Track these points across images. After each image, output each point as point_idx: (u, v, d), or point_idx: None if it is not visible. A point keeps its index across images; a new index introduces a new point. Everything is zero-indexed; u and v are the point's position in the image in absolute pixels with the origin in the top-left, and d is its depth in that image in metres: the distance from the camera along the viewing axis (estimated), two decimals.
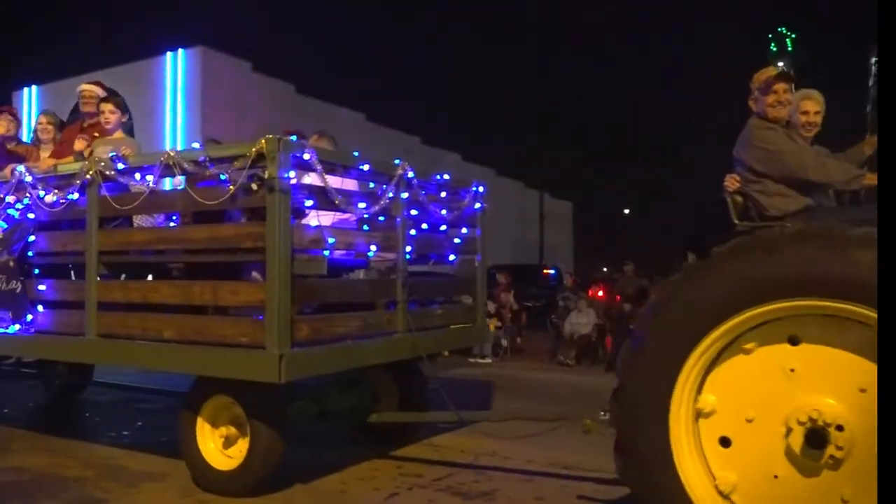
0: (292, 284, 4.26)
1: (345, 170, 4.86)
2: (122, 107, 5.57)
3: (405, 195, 5.32)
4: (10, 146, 6.29)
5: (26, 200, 5.47)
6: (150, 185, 4.73)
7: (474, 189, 6.22)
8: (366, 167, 4.95)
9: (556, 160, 46.05)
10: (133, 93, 7.73)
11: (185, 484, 4.83)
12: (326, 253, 4.75)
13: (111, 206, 4.96)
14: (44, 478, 5.04)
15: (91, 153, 5.49)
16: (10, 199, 5.58)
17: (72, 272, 5.50)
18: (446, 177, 5.89)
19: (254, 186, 4.33)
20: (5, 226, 5.60)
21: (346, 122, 20.85)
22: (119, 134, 5.57)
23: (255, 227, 4.38)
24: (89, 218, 5.09)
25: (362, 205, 4.89)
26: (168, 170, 4.65)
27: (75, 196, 5.17)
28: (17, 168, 5.50)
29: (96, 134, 5.88)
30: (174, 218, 5.29)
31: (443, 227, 5.93)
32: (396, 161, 5.28)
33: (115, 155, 4.94)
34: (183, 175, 4.64)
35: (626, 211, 49.19)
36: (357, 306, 5.03)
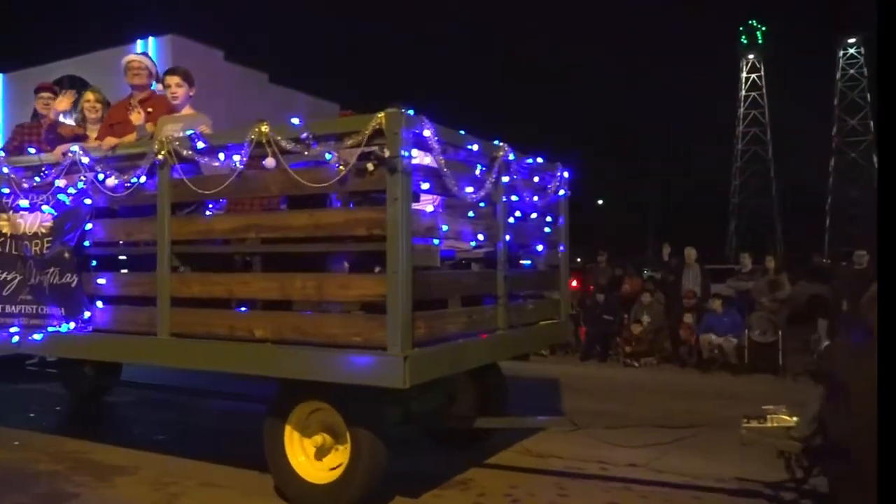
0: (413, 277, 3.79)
1: (455, 150, 4.37)
2: (190, 79, 5.01)
3: (506, 179, 4.86)
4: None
5: (81, 185, 4.89)
6: (238, 165, 4.20)
7: (559, 173, 5.77)
8: (475, 147, 4.48)
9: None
10: (102, 81, 7.22)
11: (156, 476, 4.86)
12: (436, 242, 4.27)
13: (188, 189, 4.41)
14: (14, 473, 4.97)
15: (154, 131, 4.93)
16: (61, 182, 5.00)
17: (134, 263, 4.95)
18: (539, 160, 5.43)
19: (370, 167, 3.83)
20: (54, 213, 5.01)
21: (322, 113, 19.85)
22: (189, 110, 5.00)
23: (371, 213, 3.88)
24: (160, 203, 4.54)
25: (469, 189, 4.42)
26: (259, 148, 4.12)
27: (142, 179, 4.61)
28: (72, 148, 4.91)
29: (150, 109, 5.32)
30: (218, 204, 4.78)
31: (533, 215, 5.48)
32: (496, 141, 4.81)
33: (195, 133, 4.39)
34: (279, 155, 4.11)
35: (600, 202, 49.31)
36: (464, 301, 4.56)
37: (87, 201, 4.89)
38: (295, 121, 4.05)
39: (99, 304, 4.88)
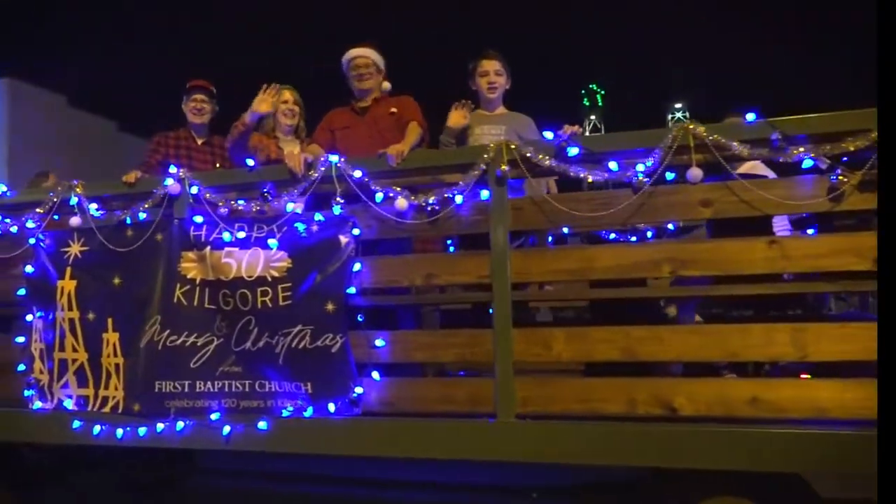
0: None
1: None
2: (508, 70, 3.81)
3: None
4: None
5: (338, 208, 3.51)
6: (641, 178, 3.06)
7: None
8: None
9: None
10: None
11: None
12: None
13: (539, 211, 3.20)
14: None
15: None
16: (295, 206, 3.58)
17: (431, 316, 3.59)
18: None
19: (844, 178, 2.87)
20: (274, 247, 3.57)
21: None
22: (503, 108, 3.78)
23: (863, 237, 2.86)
24: (494, 232, 3.27)
25: None
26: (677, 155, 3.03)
27: (458, 199, 3.34)
28: (331, 159, 3.53)
29: (393, 110, 4.07)
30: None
31: None
32: None
33: (563, 136, 3.21)
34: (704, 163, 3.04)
35: None
36: None
37: (356, 231, 3.50)
38: (750, 117, 3.01)
39: (375, 375, 3.46)
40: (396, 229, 3.48)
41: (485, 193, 3.34)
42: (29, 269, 4.08)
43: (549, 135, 3.28)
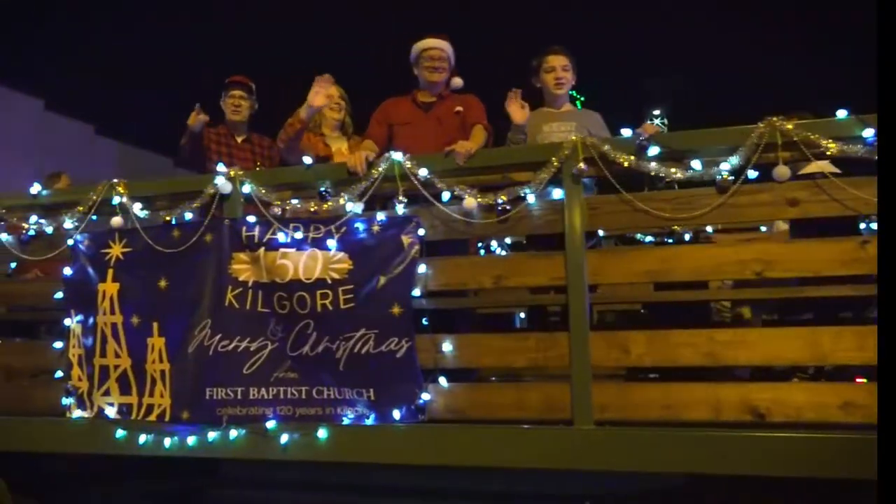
0: None
1: None
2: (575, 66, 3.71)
3: None
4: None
5: (400, 208, 3.38)
6: (726, 178, 2.97)
7: None
8: None
9: None
10: None
11: None
12: None
13: (612, 211, 3.10)
14: None
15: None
16: (354, 206, 3.45)
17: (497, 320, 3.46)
18: None
19: None
20: (335, 250, 3.43)
21: (154, 169, 17.06)
22: (569, 106, 3.67)
23: None
24: (569, 231, 3.16)
25: None
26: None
27: (531, 198, 3.22)
28: (395, 157, 3.40)
29: (459, 108, 3.96)
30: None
31: None
32: None
33: (643, 133, 3.10)
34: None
35: None
36: None
37: (420, 231, 3.38)
38: (842, 114, 2.93)
39: (442, 381, 3.34)
40: (463, 230, 3.37)
41: (557, 192, 3.23)
42: (67, 271, 3.91)
43: (626, 132, 3.18)
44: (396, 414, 3.31)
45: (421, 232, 3.37)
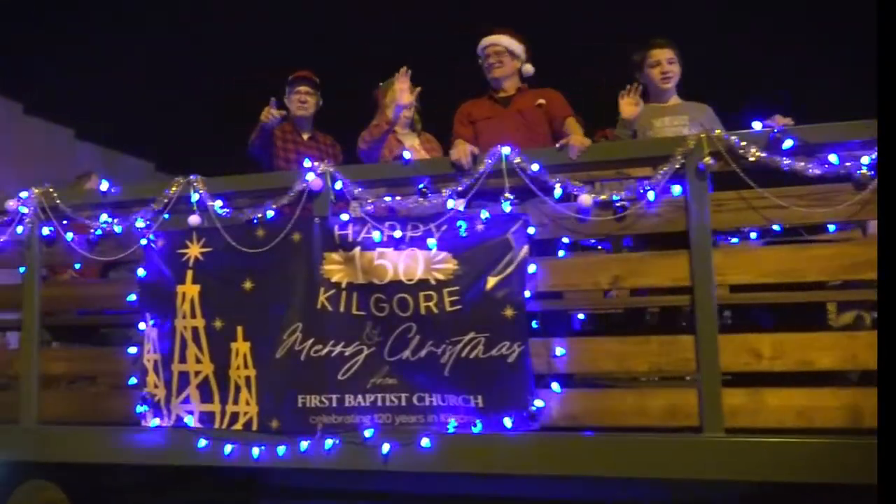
0: None
1: None
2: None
3: None
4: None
5: (506, 205, 3.21)
6: (867, 171, 2.84)
7: None
8: None
9: None
10: None
11: None
12: None
13: (752, 206, 2.94)
14: None
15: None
16: (457, 203, 3.27)
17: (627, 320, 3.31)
18: None
19: None
20: (436, 249, 3.26)
21: (133, 172, 16.39)
22: (676, 99, 3.52)
23: None
24: (695, 229, 3.01)
25: None
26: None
27: (650, 196, 3.06)
28: (504, 151, 3.22)
29: (541, 101, 3.81)
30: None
31: None
32: None
33: (776, 125, 2.96)
34: None
35: None
36: None
37: (531, 230, 3.21)
38: None
39: (555, 386, 3.17)
40: (575, 228, 3.21)
41: (676, 189, 3.08)
42: (141, 272, 3.71)
43: (757, 125, 3.04)
44: (507, 421, 3.14)
45: (531, 231, 3.21)
